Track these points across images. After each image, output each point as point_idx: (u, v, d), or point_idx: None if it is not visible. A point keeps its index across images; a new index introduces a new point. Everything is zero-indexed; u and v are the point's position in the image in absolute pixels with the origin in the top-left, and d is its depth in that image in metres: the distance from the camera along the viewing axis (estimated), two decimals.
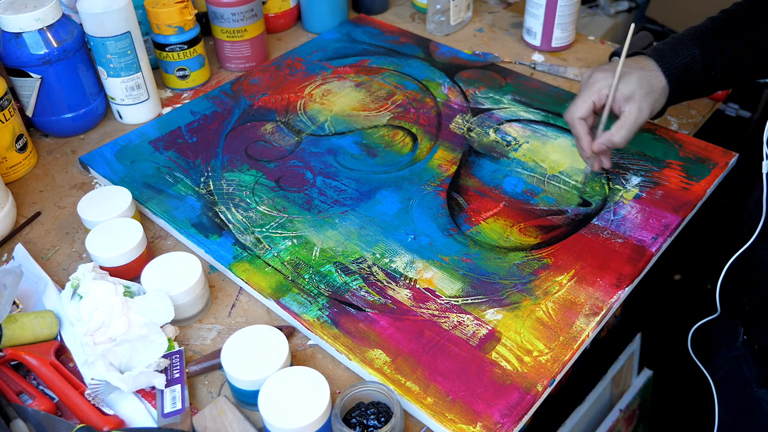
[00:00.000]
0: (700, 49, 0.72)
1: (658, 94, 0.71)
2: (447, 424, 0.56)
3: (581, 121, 0.72)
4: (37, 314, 0.64)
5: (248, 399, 0.58)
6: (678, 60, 0.71)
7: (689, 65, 0.71)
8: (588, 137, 0.72)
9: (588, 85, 0.72)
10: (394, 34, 1.08)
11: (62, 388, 0.59)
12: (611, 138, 0.71)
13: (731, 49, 0.72)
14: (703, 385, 0.82)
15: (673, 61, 0.71)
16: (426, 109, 0.92)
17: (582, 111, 0.72)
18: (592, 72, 0.73)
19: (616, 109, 0.71)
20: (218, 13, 0.97)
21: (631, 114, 0.70)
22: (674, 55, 0.72)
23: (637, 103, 0.70)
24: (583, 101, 0.72)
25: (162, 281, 0.65)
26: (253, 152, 0.86)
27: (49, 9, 0.81)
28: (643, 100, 0.70)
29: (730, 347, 0.79)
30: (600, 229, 0.73)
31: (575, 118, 0.72)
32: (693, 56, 0.71)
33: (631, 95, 0.70)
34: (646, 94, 0.70)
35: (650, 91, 0.70)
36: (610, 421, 1.12)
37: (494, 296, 0.66)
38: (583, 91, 0.72)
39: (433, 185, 0.79)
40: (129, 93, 0.91)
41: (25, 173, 0.86)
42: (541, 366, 0.60)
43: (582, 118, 0.72)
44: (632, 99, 0.70)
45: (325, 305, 0.66)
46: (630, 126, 0.70)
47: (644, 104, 0.70)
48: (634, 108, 0.70)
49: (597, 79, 0.72)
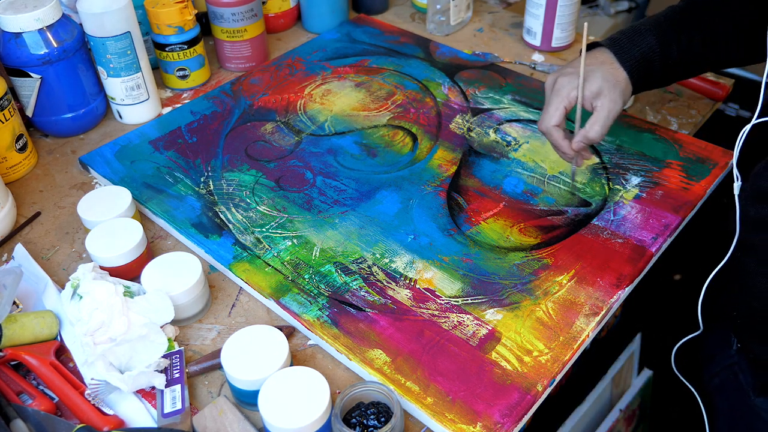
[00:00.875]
0: (656, 38, 0.72)
1: (623, 85, 0.71)
2: (447, 424, 0.56)
3: (556, 128, 0.72)
4: (37, 314, 0.64)
5: (248, 399, 0.58)
6: (635, 50, 0.71)
7: (646, 55, 0.71)
8: (566, 141, 0.72)
9: (555, 91, 0.72)
10: (394, 34, 1.08)
11: (62, 388, 0.59)
12: (586, 134, 0.71)
13: (688, 39, 0.72)
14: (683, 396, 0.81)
15: (631, 51, 0.71)
16: (426, 109, 0.92)
17: (555, 119, 0.72)
18: (555, 78, 0.73)
19: (588, 107, 0.72)
20: (218, 13, 0.97)
21: (603, 108, 0.70)
22: (632, 45, 0.72)
23: (607, 96, 0.70)
24: (554, 109, 0.72)
25: (162, 281, 0.65)
26: (253, 152, 0.86)
27: (49, 9, 0.81)
28: (612, 92, 0.70)
29: (724, 355, 0.78)
30: (600, 229, 0.73)
31: (550, 126, 0.72)
32: (650, 45, 0.71)
33: (599, 91, 0.70)
34: (612, 86, 0.70)
35: (616, 83, 0.70)
36: (610, 421, 1.12)
37: (494, 296, 0.66)
38: (552, 99, 0.72)
39: (433, 185, 0.79)
40: (129, 93, 0.91)
41: (25, 173, 0.86)
42: (541, 366, 0.60)
43: (557, 126, 0.72)
44: (601, 94, 0.70)
45: (325, 305, 0.66)
46: (603, 120, 0.70)
47: (614, 95, 0.70)
48: (606, 101, 0.70)
49: (562, 84, 0.72)
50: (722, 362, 0.78)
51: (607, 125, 0.70)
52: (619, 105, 0.70)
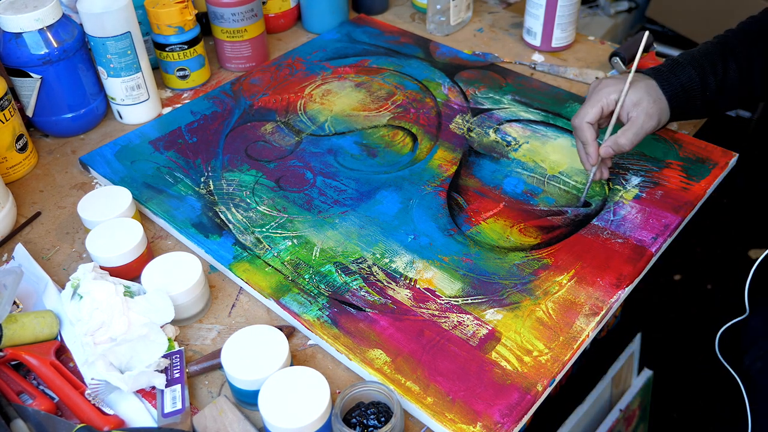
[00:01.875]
0: (695, 70, 0.73)
1: (663, 104, 0.72)
2: (447, 424, 0.56)
3: (589, 125, 0.72)
4: (37, 314, 0.64)
5: (248, 399, 0.58)
6: (676, 80, 0.73)
7: (686, 85, 0.73)
8: (596, 143, 0.73)
9: (596, 91, 0.73)
10: (394, 34, 1.08)
11: (62, 388, 0.59)
12: (617, 140, 0.71)
13: (723, 69, 0.73)
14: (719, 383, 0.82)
15: (672, 80, 0.73)
16: (426, 109, 0.92)
17: (591, 116, 0.72)
18: (600, 80, 0.74)
19: (624, 116, 0.72)
20: (218, 13, 0.97)
21: (638, 118, 0.71)
22: (672, 75, 0.73)
23: (645, 109, 0.71)
24: (591, 106, 0.72)
25: (162, 281, 0.65)
26: (253, 152, 0.86)
27: (49, 9, 0.81)
28: (651, 107, 0.71)
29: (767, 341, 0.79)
30: (600, 229, 0.73)
31: (584, 122, 0.72)
32: (690, 77, 0.73)
33: (639, 101, 0.71)
34: (654, 101, 0.71)
35: (657, 99, 0.72)
36: (610, 421, 1.12)
37: (494, 296, 0.66)
38: (592, 97, 0.73)
39: (433, 185, 0.79)
40: (129, 93, 0.91)
41: (26, 173, 0.86)
42: (541, 366, 0.60)
43: (590, 123, 0.72)
44: (640, 105, 0.71)
45: (325, 305, 0.66)
46: (637, 130, 0.71)
47: (652, 111, 0.71)
48: (642, 113, 0.71)
49: (606, 84, 0.73)
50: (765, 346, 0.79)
51: (639, 136, 0.71)
52: (654, 121, 0.71)
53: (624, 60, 0.95)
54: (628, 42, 0.97)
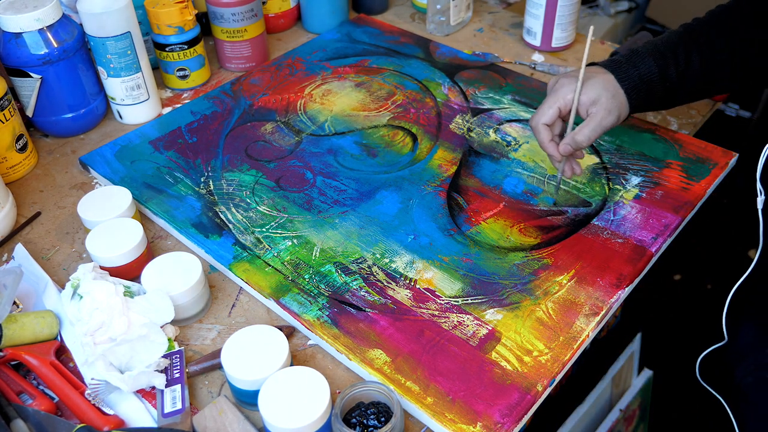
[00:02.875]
0: (655, 60, 0.72)
1: (622, 98, 0.71)
2: (447, 424, 0.56)
3: (545, 127, 0.72)
4: (37, 314, 0.64)
5: (248, 399, 0.58)
6: (634, 72, 0.72)
7: (645, 76, 0.72)
8: (552, 144, 0.72)
9: (553, 91, 0.72)
10: (394, 34, 1.08)
11: (62, 388, 0.59)
12: (574, 137, 0.71)
13: (686, 60, 0.72)
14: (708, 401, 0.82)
15: (630, 72, 0.72)
16: (426, 109, 0.92)
17: (547, 117, 0.72)
18: (557, 78, 0.73)
19: (583, 114, 0.72)
20: (218, 13, 0.97)
21: (597, 115, 0.70)
22: (630, 66, 0.72)
23: (603, 105, 0.70)
24: (548, 107, 0.72)
25: (162, 281, 0.65)
26: (253, 152, 0.86)
27: (49, 9, 0.81)
28: (609, 103, 0.70)
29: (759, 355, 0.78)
30: (600, 229, 0.73)
31: (540, 124, 0.72)
32: (648, 67, 0.72)
33: (597, 98, 0.70)
34: (612, 96, 0.70)
35: (615, 95, 0.71)
36: (610, 421, 1.12)
37: (494, 296, 0.66)
38: (548, 98, 0.72)
39: (433, 185, 0.79)
40: (129, 93, 0.91)
41: (25, 173, 0.86)
42: (541, 366, 0.60)
43: (546, 125, 0.72)
44: (598, 102, 0.70)
45: (325, 305, 0.66)
46: (594, 126, 0.70)
47: (611, 106, 0.70)
48: (600, 109, 0.70)
49: (562, 84, 0.72)
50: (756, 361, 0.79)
51: (597, 132, 0.70)
52: (613, 116, 0.70)
53: None
54: (628, 42, 0.97)
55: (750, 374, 0.80)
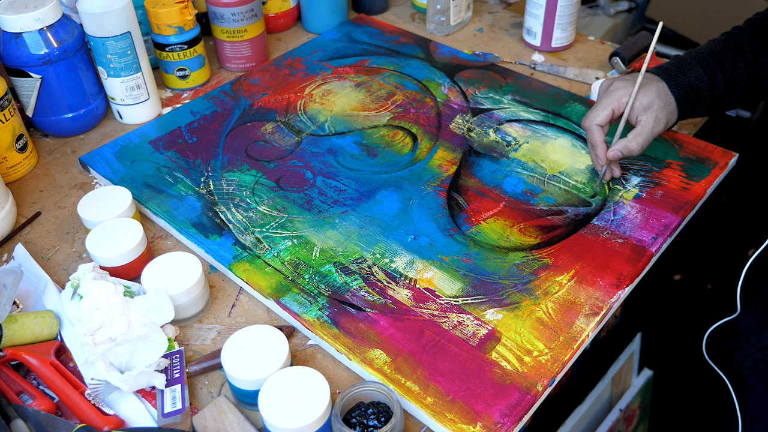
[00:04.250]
0: (703, 69, 0.73)
1: (672, 107, 0.72)
2: (447, 424, 0.56)
3: (599, 128, 0.73)
4: (37, 314, 0.64)
5: (248, 399, 0.58)
6: (685, 81, 0.73)
7: (695, 85, 0.73)
8: (605, 145, 0.74)
9: (607, 93, 0.73)
10: (394, 34, 1.08)
11: (62, 388, 0.59)
12: (627, 145, 0.72)
13: (731, 65, 0.73)
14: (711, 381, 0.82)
15: (680, 81, 0.73)
16: (426, 109, 0.92)
17: (601, 118, 0.73)
18: (611, 81, 0.75)
19: (633, 119, 0.73)
20: (218, 13, 0.97)
21: (648, 123, 0.71)
22: (680, 75, 0.73)
23: (654, 113, 0.71)
24: (602, 108, 0.73)
25: (162, 281, 0.65)
26: (253, 152, 0.86)
27: (49, 9, 0.81)
28: (660, 111, 0.71)
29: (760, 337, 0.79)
30: (600, 229, 0.73)
31: (594, 125, 0.73)
32: (698, 76, 0.73)
33: (649, 105, 0.71)
34: (663, 105, 0.72)
35: (667, 103, 0.72)
36: (610, 421, 1.12)
37: (494, 296, 0.66)
38: (602, 99, 0.73)
39: (433, 185, 0.79)
40: (129, 93, 0.91)
41: (25, 173, 0.86)
42: (541, 366, 0.60)
43: (600, 126, 0.73)
44: (650, 109, 0.71)
45: (325, 305, 0.66)
46: (647, 134, 0.71)
47: (661, 115, 0.72)
48: (651, 117, 0.71)
49: (617, 87, 0.73)
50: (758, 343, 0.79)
51: (649, 141, 0.72)
52: (662, 125, 0.72)
53: (624, 60, 0.95)
54: (628, 42, 0.97)
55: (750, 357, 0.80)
